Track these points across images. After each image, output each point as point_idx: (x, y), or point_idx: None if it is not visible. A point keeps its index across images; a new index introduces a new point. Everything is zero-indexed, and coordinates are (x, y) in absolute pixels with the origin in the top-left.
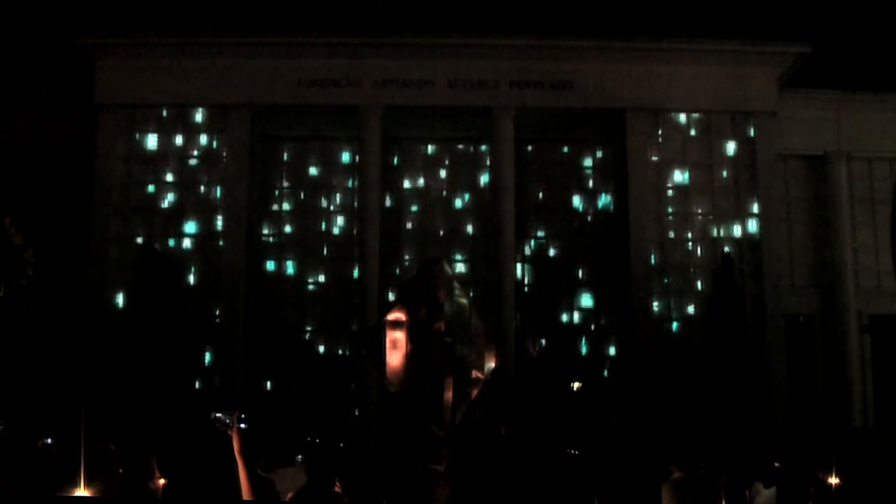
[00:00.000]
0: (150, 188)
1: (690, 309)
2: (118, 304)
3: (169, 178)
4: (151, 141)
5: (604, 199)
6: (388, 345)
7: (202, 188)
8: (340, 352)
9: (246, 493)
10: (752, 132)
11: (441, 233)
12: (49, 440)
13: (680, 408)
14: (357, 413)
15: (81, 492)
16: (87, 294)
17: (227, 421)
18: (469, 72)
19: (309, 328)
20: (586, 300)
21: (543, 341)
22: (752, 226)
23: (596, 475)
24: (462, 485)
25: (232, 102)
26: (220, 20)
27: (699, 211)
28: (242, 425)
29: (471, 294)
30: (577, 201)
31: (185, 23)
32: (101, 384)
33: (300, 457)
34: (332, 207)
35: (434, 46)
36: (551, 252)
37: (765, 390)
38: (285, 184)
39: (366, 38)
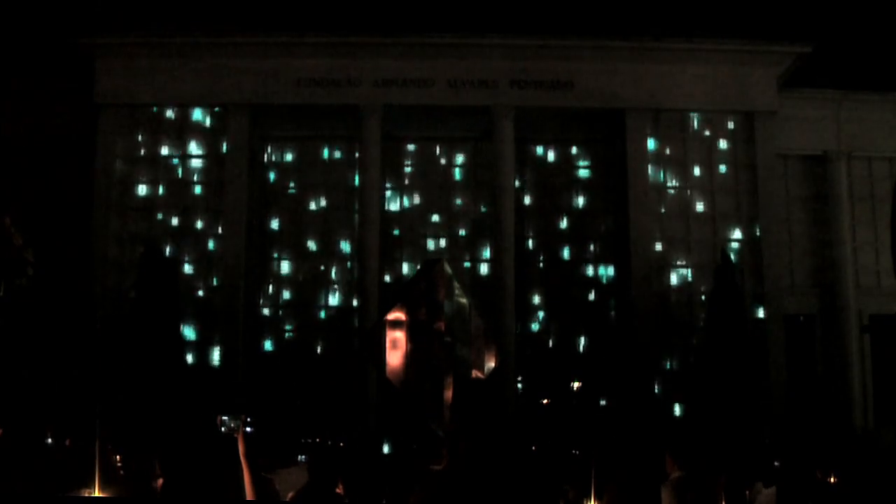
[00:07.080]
0: (150, 187)
1: (691, 309)
2: (119, 303)
3: (169, 177)
4: (151, 140)
5: (604, 199)
6: (388, 345)
7: (202, 187)
8: (341, 351)
9: (250, 497)
10: (752, 132)
11: (441, 232)
12: (49, 440)
13: (680, 407)
14: (357, 413)
15: (96, 492)
16: (87, 293)
17: (233, 424)
18: (469, 72)
19: (309, 327)
20: (586, 299)
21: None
22: (752, 225)
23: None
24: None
25: (232, 102)
26: (220, 20)
27: (699, 210)
28: (248, 429)
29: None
30: (577, 201)
31: (185, 23)
32: (101, 384)
33: (303, 457)
34: (331, 207)
35: (434, 46)
36: (551, 252)
37: (765, 390)
38: (285, 183)
39: (366, 38)
